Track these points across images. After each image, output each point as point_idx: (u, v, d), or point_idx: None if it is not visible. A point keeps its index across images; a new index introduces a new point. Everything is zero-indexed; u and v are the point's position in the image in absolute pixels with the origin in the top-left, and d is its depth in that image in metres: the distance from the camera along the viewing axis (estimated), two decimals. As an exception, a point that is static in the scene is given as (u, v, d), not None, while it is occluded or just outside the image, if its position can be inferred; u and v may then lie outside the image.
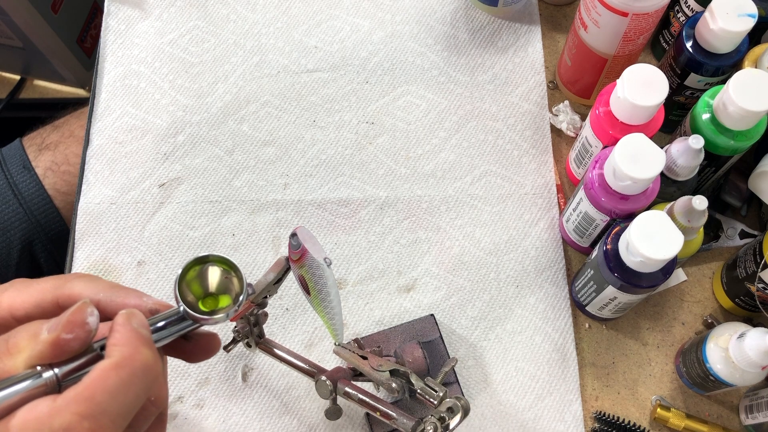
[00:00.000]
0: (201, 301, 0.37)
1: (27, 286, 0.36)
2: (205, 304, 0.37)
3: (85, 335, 0.32)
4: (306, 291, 0.48)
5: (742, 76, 0.52)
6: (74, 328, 0.31)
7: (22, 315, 0.36)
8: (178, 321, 0.36)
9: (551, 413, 0.60)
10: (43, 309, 0.36)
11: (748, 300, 0.59)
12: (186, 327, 0.36)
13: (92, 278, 0.37)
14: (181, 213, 0.66)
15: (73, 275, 0.37)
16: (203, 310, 0.36)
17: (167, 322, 0.35)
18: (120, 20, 0.74)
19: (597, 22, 0.59)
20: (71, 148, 0.80)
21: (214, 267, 0.37)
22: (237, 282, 0.37)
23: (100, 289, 0.36)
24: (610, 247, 0.53)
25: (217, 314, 0.36)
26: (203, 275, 0.37)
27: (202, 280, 0.37)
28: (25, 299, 0.36)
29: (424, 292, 0.64)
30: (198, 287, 0.37)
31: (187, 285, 0.36)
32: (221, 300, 0.37)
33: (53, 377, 0.31)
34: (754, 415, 0.57)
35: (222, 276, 0.37)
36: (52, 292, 0.36)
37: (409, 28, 0.74)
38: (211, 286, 0.37)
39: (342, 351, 0.52)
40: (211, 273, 0.37)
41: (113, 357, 0.32)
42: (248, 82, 0.71)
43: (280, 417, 0.59)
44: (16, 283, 0.37)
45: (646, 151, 0.51)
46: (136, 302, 0.36)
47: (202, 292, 0.37)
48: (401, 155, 0.69)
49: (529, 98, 0.71)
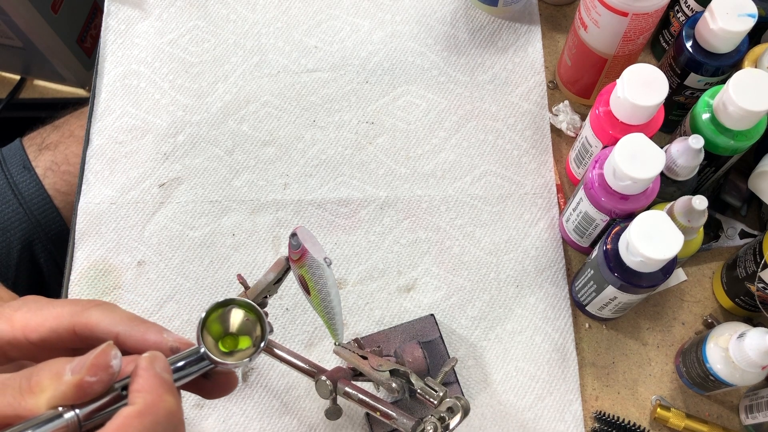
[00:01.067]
0: (221, 341, 0.37)
1: (41, 308, 0.36)
2: (225, 344, 0.37)
3: (108, 378, 0.32)
4: (306, 291, 0.48)
5: (742, 76, 0.52)
6: (98, 371, 0.31)
7: (36, 339, 0.35)
8: (197, 361, 0.36)
9: (551, 413, 0.60)
10: (59, 335, 0.35)
11: (748, 300, 0.59)
12: (205, 367, 0.36)
13: (110, 308, 0.36)
14: (181, 213, 0.66)
15: (90, 303, 0.37)
16: (222, 351, 0.36)
17: (186, 362, 0.35)
18: (120, 20, 0.74)
19: (597, 22, 0.59)
20: (71, 148, 0.80)
21: (238, 309, 0.37)
22: (259, 327, 0.37)
23: (118, 321, 0.36)
24: (610, 247, 0.53)
25: (237, 357, 0.36)
26: (225, 316, 0.37)
27: (223, 320, 0.37)
28: (40, 322, 0.35)
29: (424, 292, 0.64)
30: (218, 326, 0.37)
31: (207, 326, 0.36)
32: (241, 341, 0.37)
33: (74, 418, 0.31)
34: (754, 415, 0.57)
35: (244, 318, 0.37)
36: (69, 318, 0.35)
37: (409, 28, 0.74)
38: (232, 327, 0.37)
39: (342, 351, 0.52)
40: (233, 314, 0.37)
41: (137, 404, 0.32)
42: (248, 82, 0.71)
43: (280, 417, 0.60)
44: (30, 302, 0.36)
45: (646, 151, 0.51)
46: (156, 338, 0.36)
47: (222, 332, 0.37)
48: (401, 155, 0.69)
49: (529, 98, 0.71)
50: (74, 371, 0.31)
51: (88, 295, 0.63)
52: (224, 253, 0.65)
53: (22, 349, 0.35)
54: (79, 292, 0.63)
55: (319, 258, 0.45)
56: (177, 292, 0.64)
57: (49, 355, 0.36)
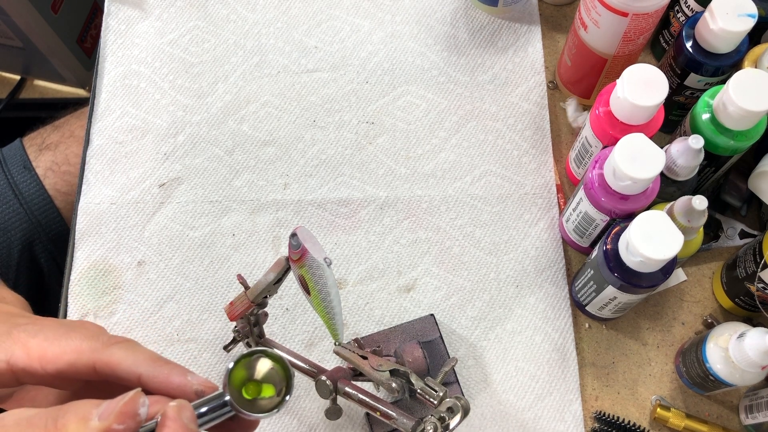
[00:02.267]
0: (244, 386, 0.37)
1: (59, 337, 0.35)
2: (248, 390, 0.37)
3: (135, 426, 0.31)
4: (306, 291, 0.48)
5: (742, 76, 0.52)
6: (126, 420, 0.31)
7: (53, 371, 0.35)
8: (220, 407, 0.35)
9: (551, 413, 0.60)
10: (78, 370, 0.35)
11: (748, 300, 0.59)
12: (227, 413, 0.36)
13: (132, 346, 0.36)
14: (181, 213, 0.66)
15: (112, 339, 0.36)
16: (246, 398, 0.36)
17: (210, 407, 0.35)
18: (120, 20, 0.74)
19: (597, 22, 0.59)
20: (71, 148, 0.80)
21: (265, 359, 0.37)
22: (285, 380, 0.37)
23: (141, 361, 0.35)
24: (610, 247, 0.53)
25: (259, 408, 0.36)
26: (252, 364, 0.37)
27: (249, 367, 0.37)
28: (57, 354, 0.35)
29: (424, 292, 0.64)
30: (243, 371, 0.37)
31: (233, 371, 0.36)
32: (264, 389, 0.37)
33: None
34: (754, 415, 0.57)
35: (271, 368, 0.37)
36: (89, 355, 0.35)
37: (409, 28, 0.74)
38: (258, 375, 0.37)
39: (342, 351, 0.52)
40: (261, 362, 0.37)
41: None
42: (248, 82, 0.71)
43: (280, 417, 0.59)
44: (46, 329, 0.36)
45: (646, 151, 0.51)
46: (180, 381, 0.35)
47: (246, 377, 0.37)
48: (401, 155, 0.69)
49: (529, 98, 0.71)
50: (102, 417, 0.31)
51: (88, 295, 0.63)
52: (224, 253, 0.65)
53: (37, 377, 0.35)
54: (80, 292, 0.63)
55: (319, 258, 0.45)
56: (177, 292, 0.64)
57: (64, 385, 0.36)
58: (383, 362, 0.50)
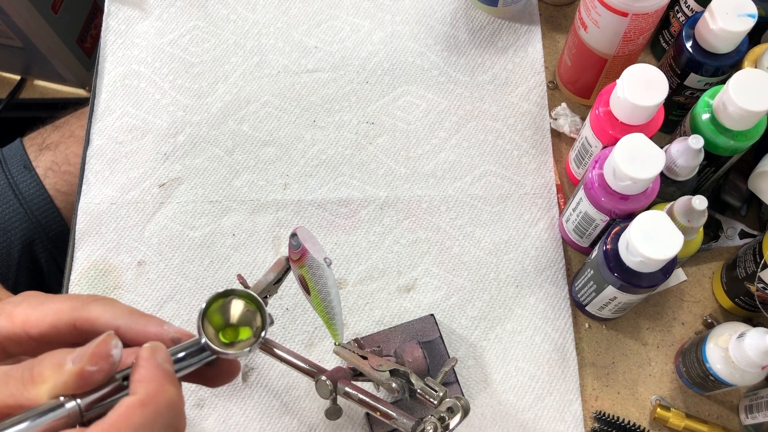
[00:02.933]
0: (221, 332, 0.37)
1: (41, 303, 0.36)
2: (225, 335, 0.37)
3: (109, 367, 0.32)
4: (306, 291, 0.48)
5: (742, 76, 0.52)
6: (99, 361, 0.31)
7: (37, 334, 0.35)
8: (198, 352, 0.36)
9: (551, 413, 0.60)
10: (59, 330, 0.35)
11: (747, 300, 0.59)
12: (206, 358, 0.36)
13: (110, 302, 0.37)
14: (181, 213, 0.66)
15: (90, 297, 0.37)
16: (223, 342, 0.36)
17: (187, 353, 0.35)
18: (120, 20, 0.74)
19: (597, 22, 0.59)
20: (72, 148, 0.80)
21: (238, 300, 0.37)
22: (260, 318, 0.37)
23: (118, 314, 0.36)
24: (610, 247, 0.53)
25: (238, 348, 0.36)
26: (226, 307, 0.37)
27: (224, 311, 0.37)
28: (40, 317, 0.35)
29: (424, 292, 0.64)
30: (219, 318, 0.37)
31: (208, 316, 0.36)
32: (242, 332, 0.37)
33: (76, 408, 0.31)
34: (754, 415, 0.57)
35: (245, 309, 0.37)
36: (69, 314, 0.35)
37: (409, 28, 0.74)
38: (233, 318, 0.37)
39: (342, 351, 0.52)
40: (234, 306, 0.37)
41: (138, 394, 0.32)
42: (248, 82, 0.71)
43: (280, 417, 0.60)
44: (30, 298, 0.37)
45: (646, 151, 0.51)
46: (156, 330, 0.36)
47: (223, 323, 0.37)
48: (401, 155, 0.69)
49: (529, 98, 0.71)
50: (75, 361, 0.31)
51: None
52: (224, 253, 0.65)
53: (23, 344, 0.35)
54: (80, 292, 0.63)
55: (319, 258, 0.45)
56: (177, 292, 0.64)
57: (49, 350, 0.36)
58: (383, 362, 0.50)
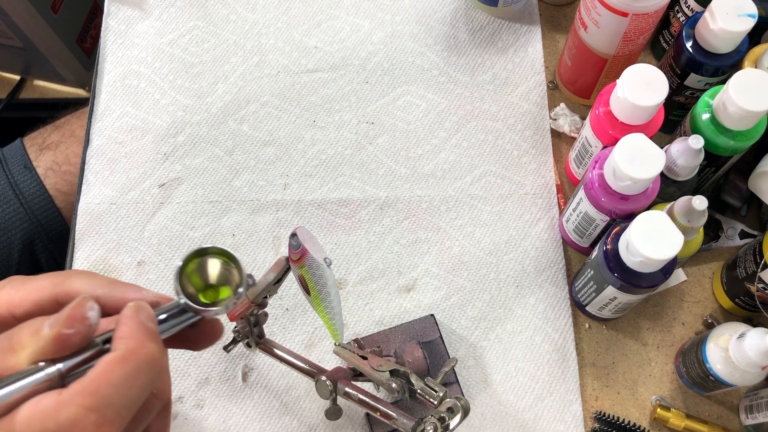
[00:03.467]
0: (201, 293, 0.37)
1: (24, 283, 0.36)
2: (206, 296, 0.37)
3: (85, 330, 0.32)
4: (306, 291, 0.48)
5: (742, 76, 0.52)
6: (74, 323, 0.32)
7: (21, 313, 0.36)
8: (179, 314, 0.36)
9: (551, 413, 0.60)
10: (43, 307, 0.36)
11: (748, 300, 0.59)
12: (187, 319, 0.36)
13: (90, 275, 0.37)
14: (181, 213, 0.66)
15: (71, 272, 0.37)
16: (204, 302, 0.36)
17: (168, 315, 0.35)
18: (120, 20, 0.74)
19: (597, 22, 0.59)
20: (72, 148, 0.80)
21: (214, 259, 0.37)
22: (237, 274, 0.37)
23: (98, 285, 0.36)
24: (610, 247, 0.53)
25: (218, 305, 0.36)
26: (203, 267, 0.37)
27: (202, 272, 0.37)
28: (23, 297, 0.36)
29: (424, 292, 0.64)
30: (198, 279, 0.37)
31: (187, 277, 0.36)
32: (221, 291, 0.37)
33: (56, 372, 0.31)
34: (754, 415, 0.57)
35: (222, 268, 0.37)
36: (51, 289, 0.36)
37: (409, 28, 0.74)
38: (211, 278, 0.37)
39: (342, 351, 0.52)
40: (210, 265, 0.37)
41: (119, 350, 0.32)
42: (248, 82, 0.71)
43: (280, 417, 0.60)
44: (13, 281, 0.37)
45: (646, 151, 0.51)
46: (135, 296, 0.36)
47: (203, 284, 0.37)
48: (401, 155, 0.69)
49: (529, 98, 0.71)
50: (51, 326, 0.31)
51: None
52: (224, 253, 0.65)
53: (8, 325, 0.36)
54: (80, 292, 0.63)
55: (319, 258, 0.45)
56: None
57: None
58: (383, 362, 0.50)
